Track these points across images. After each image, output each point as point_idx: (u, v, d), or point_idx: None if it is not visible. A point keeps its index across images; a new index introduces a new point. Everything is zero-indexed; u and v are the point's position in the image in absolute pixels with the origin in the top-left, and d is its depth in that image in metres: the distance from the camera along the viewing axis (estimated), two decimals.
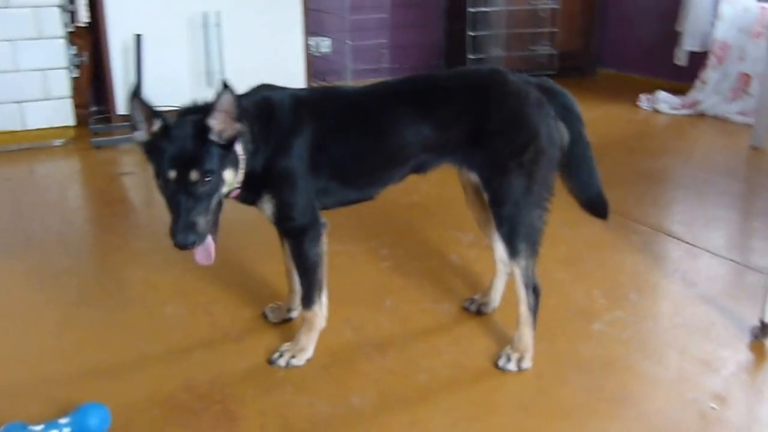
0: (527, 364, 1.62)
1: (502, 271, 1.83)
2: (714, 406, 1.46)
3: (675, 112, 4.17)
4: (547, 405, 1.49)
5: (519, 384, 1.56)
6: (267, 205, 1.60)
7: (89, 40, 3.70)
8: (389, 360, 1.66)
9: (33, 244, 2.37)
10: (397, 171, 1.68)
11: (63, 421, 1.35)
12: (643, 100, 4.34)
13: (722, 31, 4.16)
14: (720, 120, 3.99)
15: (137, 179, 3.11)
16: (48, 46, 3.40)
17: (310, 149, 1.57)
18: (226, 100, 1.40)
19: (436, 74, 1.74)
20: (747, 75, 4.05)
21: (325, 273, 1.68)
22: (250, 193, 1.58)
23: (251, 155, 1.52)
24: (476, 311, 1.88)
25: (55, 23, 3.40)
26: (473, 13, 4.63)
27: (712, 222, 2.51)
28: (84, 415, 1.35)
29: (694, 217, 2.57)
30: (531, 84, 1.63)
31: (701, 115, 4.09)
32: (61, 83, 3.48)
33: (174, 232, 1.39)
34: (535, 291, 1.64)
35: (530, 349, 1.64)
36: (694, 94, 4.23)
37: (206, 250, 1.46)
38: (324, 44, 4.64)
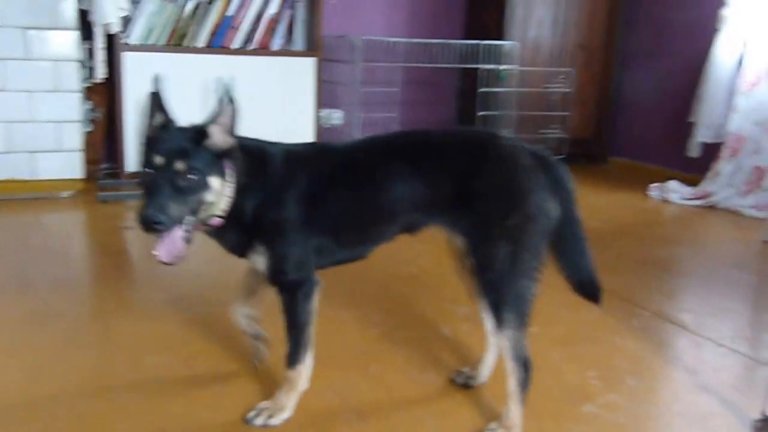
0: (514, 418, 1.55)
1: (493, 344, 1.75)
2: None
3: (686, 202, 4.13)
4: None
5: None
6: (260, 258, 1.56)
7: (105, 97, 3.79)
8: (369, 427, 1.57)
9: (30, 288, 2.34)
10: (389, 228, 1.65)
11: None
12: (654, 190, 4.32)
13: (737, 124, 4.16)
14: (732, 213, 3.94)
15: (138, 234, 3.09)
16: (64, 99, 3.48)
17: (303, 203, 1.55)
18: (228, 111, 1.45)
19: (431, 131, 1.70)
20: (761, 169, 4.03)
21: (312, 333, 1.61)
22: (240, 239, 1.56)
23: (240, 190, 1.50)
24: (463, 384, 1.79)
25: (72, 77, 3.48)
26: (484, 93, 4.69)
27: (719, 312, 2.42)
28: None
29: (700, 307, 2.49)
30: (525, 149, 1.58)
31: (713, 208, 4.04)
32: (74, 136, 3.54)
33: (142, 208, 1.34)
34: (525, 365, 1.55)
35: (518, 426, 1.55)
36: (706, 186, 4.20)
37: (173, 244, 1.39)
38: (335, 116, 4.71)
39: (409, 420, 1.62)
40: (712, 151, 4.33)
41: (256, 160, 1.54)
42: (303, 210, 1.55)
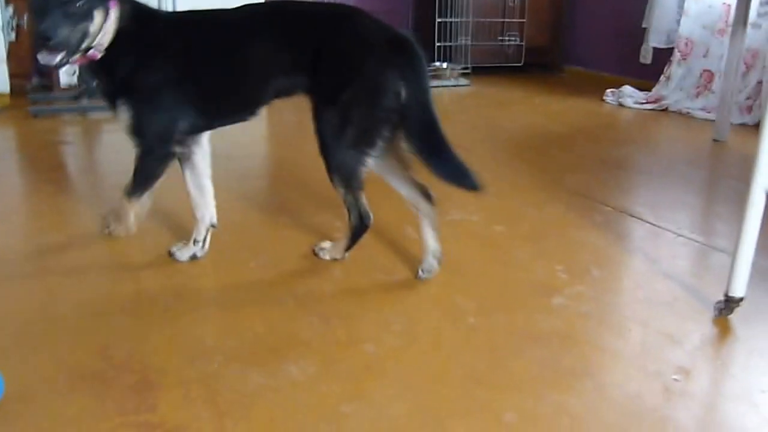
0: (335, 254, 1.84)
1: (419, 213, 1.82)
2: (677, 378, 1.36)
3: (639, 106, 4.14)
4: (500, 377, 1.37)
5: (471, 356, 1.44)
6: (123, 115, 1.65)
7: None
8: (333, 329, 1.52)
9: None
10: (260, 90, 1.72)
11: None
12: (609, 95, 4.31)
13: (687, 28, 4.14)
14: (683, 116, 3.97)
15: (76, 148, 2.93)
16: None
17: (171, 68, 1.66)
18: None
19: (301, 2, 1.78)
20: (710, 72, 4.03)
21: (152, 186, 1.72)
22: (110, 88, 1.67)
23: (121, 39, 1.61)
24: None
25: None
26: (441, 1, 4.53)
27: (675, 205, 2.43)
28: None
29: (657, 200, 2.50)
30: (383, 29, 1.66)
31: (665, 111, 4.06)
32: None
33: (39, 27, 1.48)
34: (360, 217, 1.76)
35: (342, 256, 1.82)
36: (658, 90, 4.20)
37: (54, 57, 1.53)
38: None
39: (375, 320, 1.57)
40: (664, 56, 4.31)
41: (142, 16, 1.66)
42: (169, 78, 1.65)
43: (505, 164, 2.85)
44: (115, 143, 2.61)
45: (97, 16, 1.57)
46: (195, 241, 1.87)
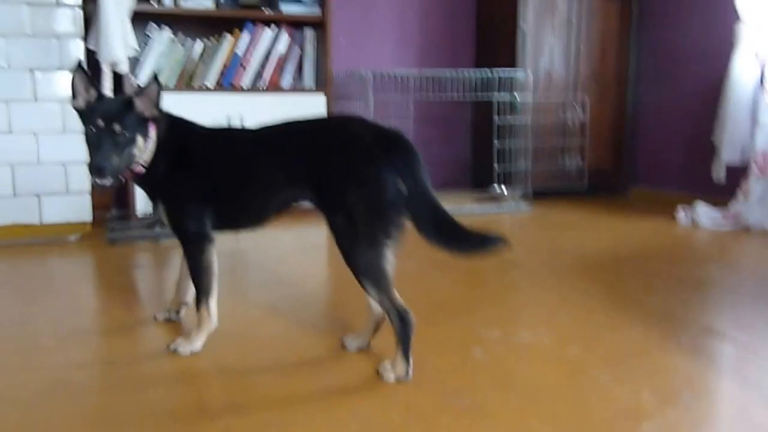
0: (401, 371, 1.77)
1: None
2: None
3: (717, 227, 3.97)
4: None
5: None
6: (162, 211, 1.96)
7: None
8: None
9: (27, 327, 2.19)
10: (266, 203, 1.92)
11: None
12: (681, 214, 4.16)
13: (763, 141, 4.02)
14: (767, 233, 3.77)
15: (148, 272, 2.97)
16: (72, 141, 3.38)
17: (193, 176, 1.93)
18: (153, 88, 1.84)
19: (301, 120, 1.93)
20: None
21: (212, 282, 1.98)
22: (152, 192, 1.98)
23: (159, 153, 1.91)
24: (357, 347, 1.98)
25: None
26: (499, 125, 4.60)
27: None
28: None
29: (749, 321, 2.31)
30: (373, 130, 1.78)
31: (746, 229, 3.88)
32: (81, 179, 3.44)
33: (94, 161, 1.77)
34: (400, 317, 1.76)
35: (406, 374, 1.77)
36: (736, 207, 4.04)
37: (108, 182, 1.81)
38: None
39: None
40: (737, 172, 4.18)
41: (176, 129, 1.96)
42: (193, 181, 1.93)
43: (573, 286, 2.72)
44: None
45: (139, 140, 1.86)
46: (173, 311, 2.23)
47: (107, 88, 3.43)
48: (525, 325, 2.22)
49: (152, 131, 1.90)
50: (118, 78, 3.57)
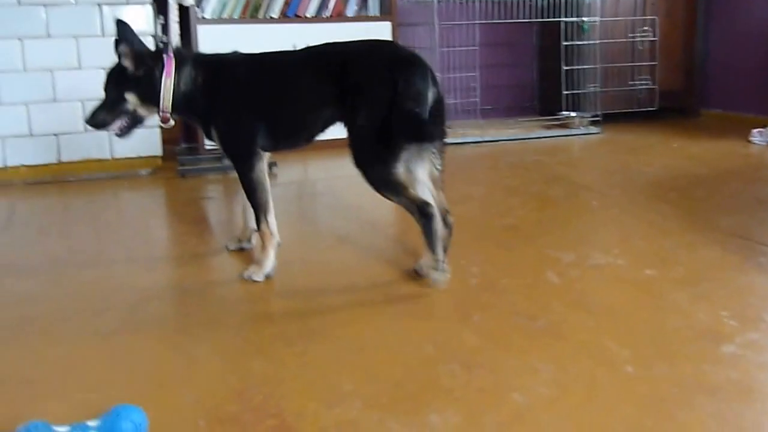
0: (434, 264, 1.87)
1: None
2: None
3: None
4: None
5: (634, 408, 1.28)
6: (215, 137, 2.06)
7: None
8: (476, 377, 1.42)
9: (102, 259, 2.29)
10: (310, 123, 2.03)
11: (92, 423, 1.17)
12: (756, 135, 3.97)
13: None
14: None
15: (218, 203, 3.05)
16: None
17: (241, 97, 2.02)
18: (122, 50, 1.99)
19: (338, 43, 2.04)
20: None
21: (267, 198, 2.06)
22: (202, 122, 2.10)
23: (187, 92, 2.03)
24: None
25: None
26: (567, 47, 4.43)
27: None
28: (116, 417, 1.16)
29: None
30: (391, 53, 1.94)
31: None
32: None
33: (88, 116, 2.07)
34: (421, 211, 1.85)
35: (442, 261, 1.86)
36: None
37: (108, 129, 2.08)
38: None
39: (521, 368, 1.45)
40: None
41: (207, 68, 2.05)
42: (239, 105, 2.02)
43: (648, 207, 2.65)
44: None
45: (130, 97, 2.03)
46: (240, 240, 2.30)
47: (173, 20, 3.44)
48: (598, 248, 2.19)
49: (166, 80, 2.01)
50: (184, 10, 3.57)
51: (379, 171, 1.84)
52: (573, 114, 4.53)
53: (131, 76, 2.02)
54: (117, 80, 2.04)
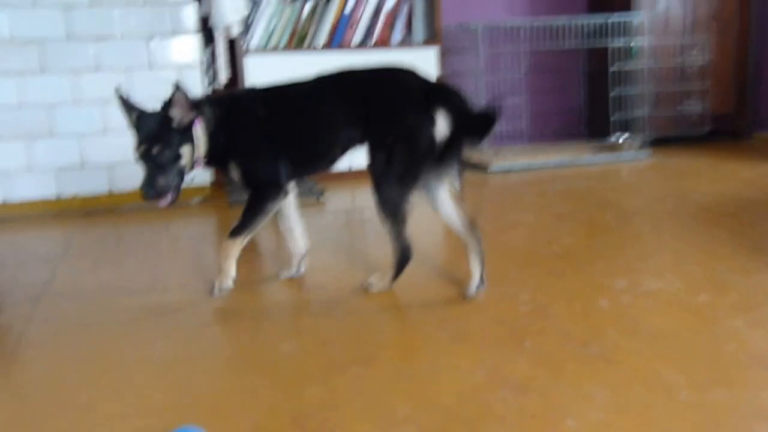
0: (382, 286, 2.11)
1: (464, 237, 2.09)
2: None
3: None
4: None
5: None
6: (234, 171, 2.07)
7: None
8: (529, 404, 1.43)
9: (156, 287, 2.36)
10: (331, 146, 2.07)
11: None
12: None
13: None
14: None
15: (266, 232, 3.12)
16: None
17: (260, 131, 2.06)
18: (179, 96, 1.91)
19: (356, 69, 2.10)
20: None
21: (261, 224, 2.09)
22: (220, 161, 2.07)
23: (215, 132, 2.01)
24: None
25: (196, 83, 3.59)
26: (615, 71, 4.42)
27: None
28: None
29: None
30: (420, 81, 2.00)
31: None
32: None
33: (141, 187, 1.92)
34: (402, 251, 2.03)
35: (387, 287, 2.11)
36: None
37: (165, 200, 1.96)
38: None
39: (574, 394, 1.46)
40: None
41: (225, 109, 2.06)
42: (261, 136, 2.05)
43: (699, 233, 2.62)
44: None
45: (185, 150, 1.96)
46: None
47: (221, 52, 3.58)
48: (651, 273, 2.17)
49: (198, 127, 1.98)
50: (232, 43, 3.71)
51: (394, 195, 1.96)
52: (622, 139, 4.50)
53: (180, 128, 1.94)
54: (165, 134, 1.92)
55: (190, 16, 3.54)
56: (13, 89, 3.42)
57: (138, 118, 1.95)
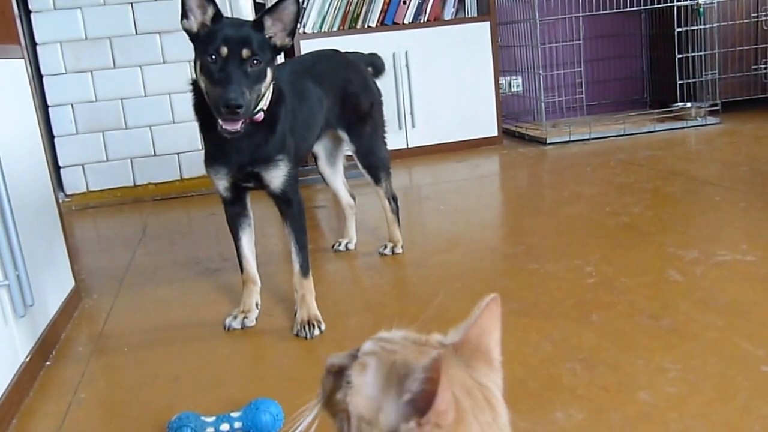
0: (399, 250, 2.29)
1: (351, 213, 2.44)
2: None
3: None
4: None
5: None
6: (278, 172, 1.68)
7: None
8: (599, 376, 1.40)
9: (228, 266, 2.40)
10: (317, 130, 2.02)
11: (235, 414, 1.27)
12: None
13: None
14: None
15: (328, 212, 3.15)
16: None
17: (300, 120, 1.85)
18: (290, 8, 1.53)
19: (313, 54, 2.18)
20: None
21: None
22: (260, 148, 1.65)
23: (273, 98, 1.66)
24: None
25: None
26: (681, 33, 4.24)
27: None
28: (256, 410, 1.26)
29: None
30: (352, 55, 2.28)
31: None
32: None
33: (226, 92, 1.44)
34: (394, 199, 2.29)
35: (400, 241, 2.31)
36: None
37: (237, 124, 1.50)
38: (515, 83, 4.51)
39: (646, 367, 1.42)
40: None
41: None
42: (301, 124, 1.85)
43: None
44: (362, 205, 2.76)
45: (269, 73, 1.56)
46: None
47: None
48: (724, 244, 2.08)
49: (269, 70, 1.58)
50: None
51: (387, 154, 2.27)
52: (689, 105, 4.33)
53: (270, 46, 1.58)
54: (262, 44, 1.54)
55: (247, 3, 3.58)
56: (89, 85, 3.54)
57: (216, 17, 1.53)
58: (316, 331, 1.71)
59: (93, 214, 3.49)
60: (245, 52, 1.49)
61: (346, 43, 3.80)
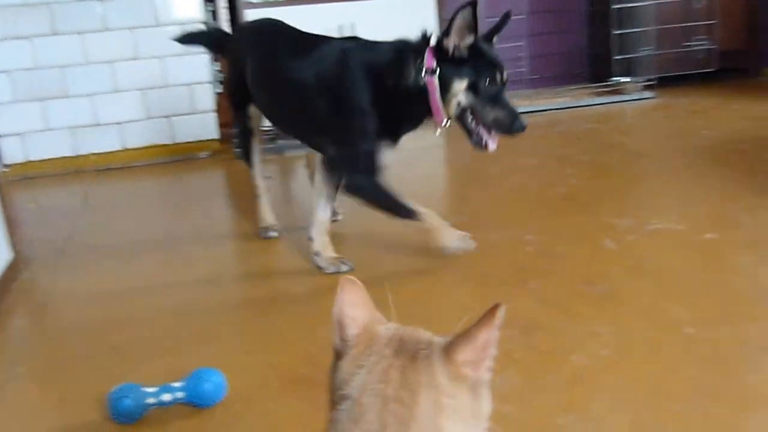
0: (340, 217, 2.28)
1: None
2: None
3: None
4: (737, 393, 1.21)
5: (696, 369, 1.29)
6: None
7: None
8: (535, 341, 1.45)
9: (172, 237, 2.39)
10: None
11: (177, 384, 1.26)
12: None
13: None
14: None
15: (274, 182, 3.13)
16: (194, 62, 3.55)
17: None
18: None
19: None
20: None
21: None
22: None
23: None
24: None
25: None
26: (618, 10, 4.33)
27: None
28: (198, 379, 1.26)
29: None
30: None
31: None
32: (207, 98, 3.62)
33: (515, 120, 1.76)
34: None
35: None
36: None
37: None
38: None
39: (580, 331, 1.47)
40: None
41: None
42: None
43: (707, 173, 2.60)
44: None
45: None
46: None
47: (222, 7, 3.52)
48: (657, 213, 2.17)
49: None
50: None
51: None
52: (625, 79, 4.44)
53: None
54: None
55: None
56: (28, 52, 3.40)
57: (475, 45, 1.83)
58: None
59: (32, 184, 3.38)
60: (505, 76, 1.85)
61: (291, 15, 3.77)
